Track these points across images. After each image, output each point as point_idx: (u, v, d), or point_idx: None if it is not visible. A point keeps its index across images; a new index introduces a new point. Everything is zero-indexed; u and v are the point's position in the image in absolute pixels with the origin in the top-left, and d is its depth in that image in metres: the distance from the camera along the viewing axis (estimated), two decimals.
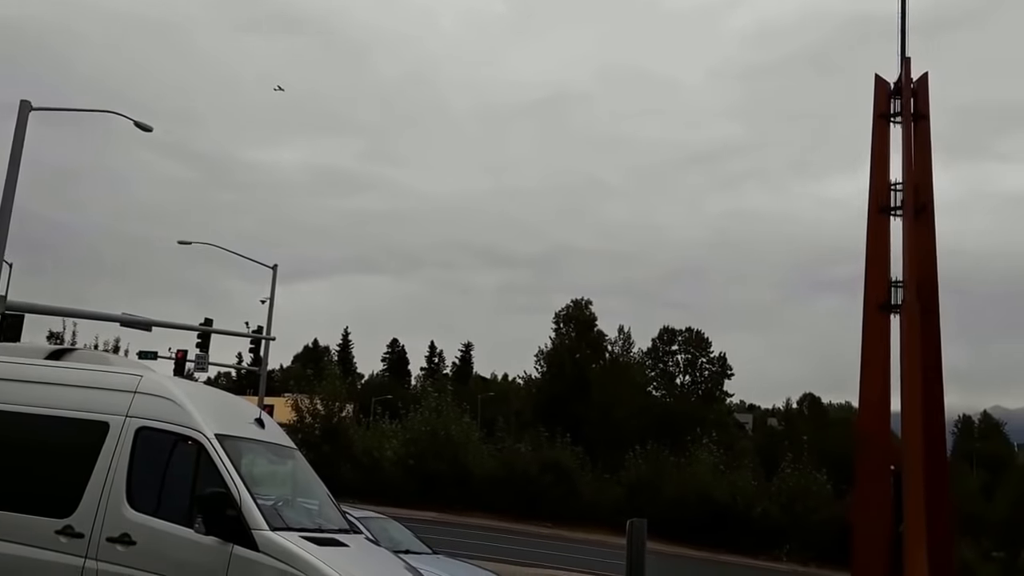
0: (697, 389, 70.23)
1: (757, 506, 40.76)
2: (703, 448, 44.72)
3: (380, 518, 13.41)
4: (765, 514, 40.56)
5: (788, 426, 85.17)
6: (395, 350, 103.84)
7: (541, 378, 64.63)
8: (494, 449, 45.17)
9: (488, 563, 15.85)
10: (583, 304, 65.56)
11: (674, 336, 70.96)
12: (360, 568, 8.00)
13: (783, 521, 40.36)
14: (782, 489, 41.91)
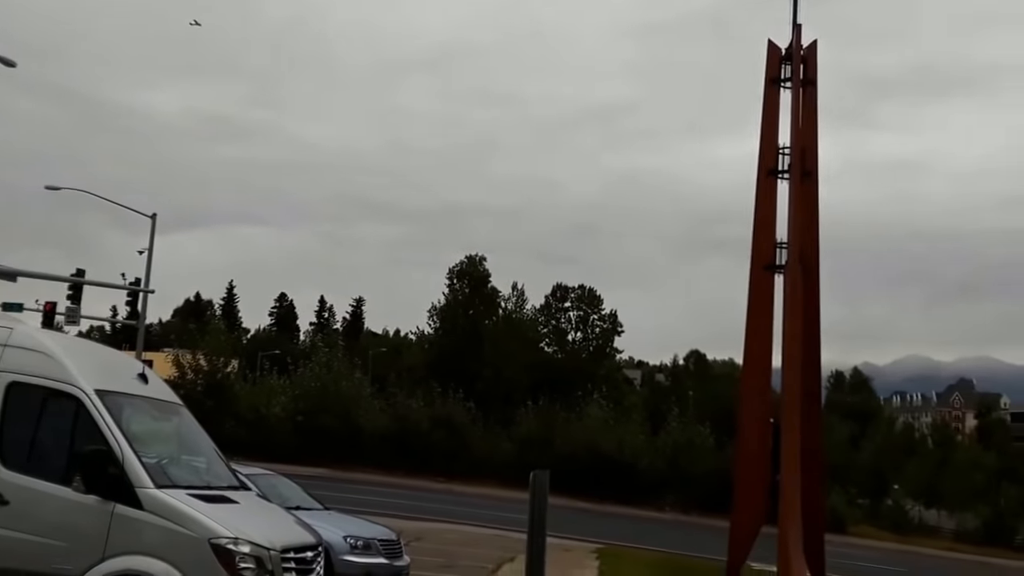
0: (588, 346, 71.45)
1: (644, 459, 42.10)
2: (593, 403, 45.75)
3: (268, 475, 13.17)
4: (651, 466, 41.95)
5: (675, 382, 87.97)
6: (283, 304, 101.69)
7: (434, 334, 64.55)
8: (386, 405, 45.08)
9: (381, 518, 15.81)
10: (477, 260, 65.59)
11: (567, 293, 71.84)
12: (251, 525, 7.84)
13: (668, 473, 41.86)
14: (667, 442, 43.38)
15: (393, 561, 12.45)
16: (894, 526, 50.36)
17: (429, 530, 22.22)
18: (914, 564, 34.77)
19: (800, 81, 22.55)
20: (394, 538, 12.87)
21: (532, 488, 7.87)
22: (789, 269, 21.63)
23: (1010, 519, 50.73)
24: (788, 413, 20.70)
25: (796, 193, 21.91)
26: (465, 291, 63.79)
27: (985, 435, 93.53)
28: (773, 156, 22.44)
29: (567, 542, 24.39)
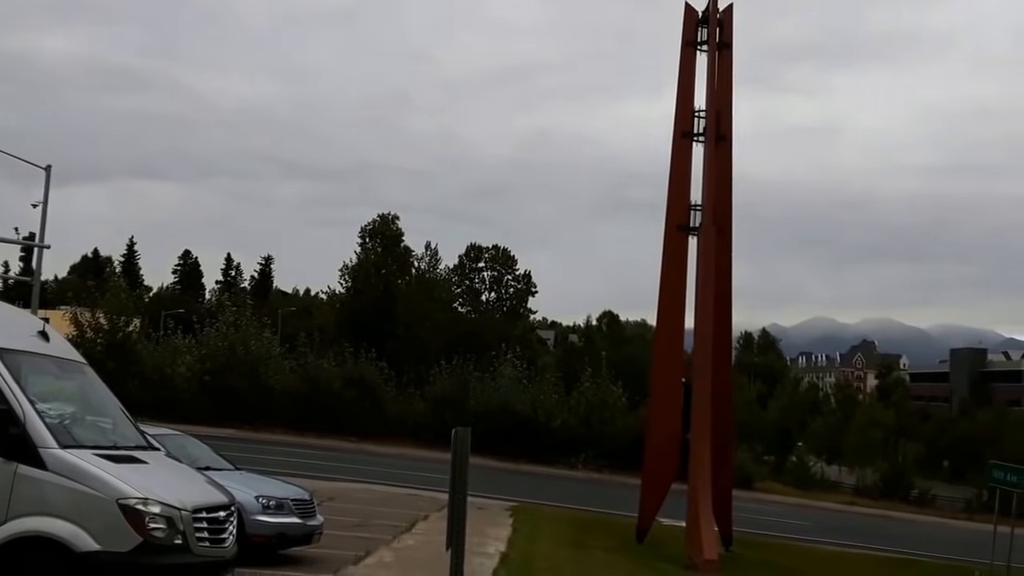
0: (502, 306, 71.95)
1: (557, 418, 42.75)
2: (507, 363, 46.17)
3: (176, 435, 12.99)
4: (564, 425, 42.64)
5: (588, 342, 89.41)
6: (187, 262, 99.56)
7: (346, 293, 64.06)
8: (296, 365, 44.54)
9: (293, 479, 15.80)
10: (390, 219, 65.14)
11: (481, 253, 72.03)
12: (161, 485, 7.78)
13: (581, 432, 42.62)
14: (580, 402, 44.11)
15: (306, 521, 12.47)
16: (797, 482, 52.52)
17: (342, 490, 22.26)
18: (816, 518, 36.41)
19: (716, 44, 22.89)
20: (307, 498, 12.89)
21: (454, 445, 8.01)
22: (703, 231, 22.12)
23: (907, 475, 53.34)
24: (699, 373, 21.32)
25: (711, 156, 22.37)
26: (377, 250, 63.36)
27: (885, 394, 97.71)
28: (688, 119, 22.78)
29: (481, 500, 24.73)
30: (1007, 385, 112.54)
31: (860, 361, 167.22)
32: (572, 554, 17.70)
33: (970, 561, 25.64)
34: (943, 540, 33.22)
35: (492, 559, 14.95)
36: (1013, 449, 61.53)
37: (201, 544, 7.93)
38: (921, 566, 24.70)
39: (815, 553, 24.43)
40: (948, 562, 26.18)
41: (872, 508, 45.40)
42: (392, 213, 65.64)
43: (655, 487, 22.05)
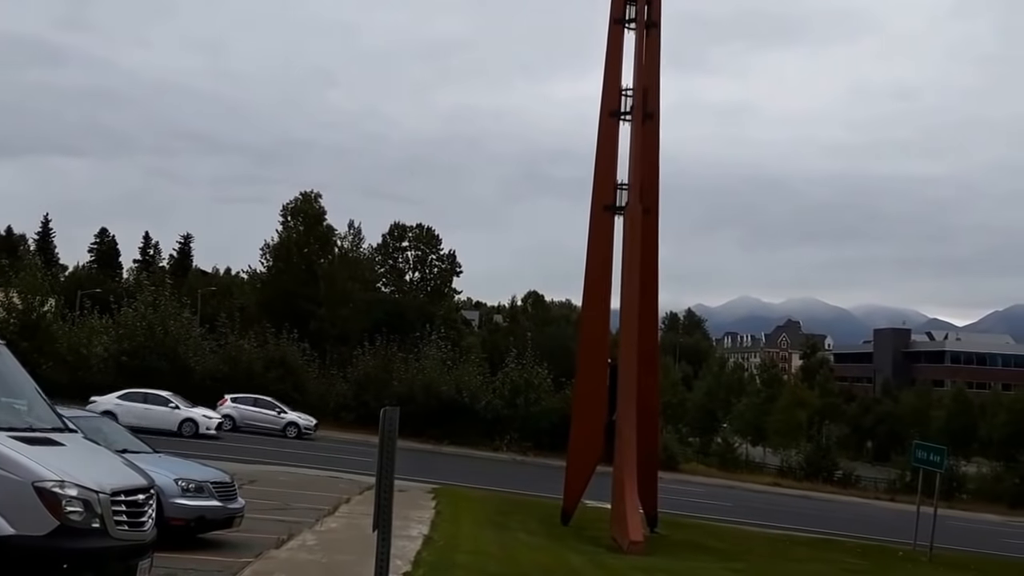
0: (426, 286, 71.91)
1: (482, 399, 43.16)
2: (431, 344, 46.34)
3: (94, 417, 12.89)
4: (489, 406, 43.08)
5: (513, 323, 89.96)
6: (104, 240, 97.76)
7: (267, 273, 63.24)
8: (216, 345, 44.21)
9: (213, 462, 15.78)
10: (312, 197, 64.41)
11: (405, 232, 71.81)
12: (78, 467, 7.79)
13: (506, 413, 43.13)
14: (505, 383, 44.56)
15: (227, 504, 12.51)
16: (722, 463, 53.86)
17: (263, 473, 22.23)
18: (740, 498, 37.46)
19: (644, 23, 23.13)
20: (228, 480, 12.93)
21: (382, 425, 8.16)
22: (629, 210, 22.33)
23: (830, 455, 54.63)
24: (625, 354, 21.60)
25: (637, 135, 22.58)
26: (300, 229, 62.70)
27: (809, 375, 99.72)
28: (615, 97, 22.90)
29: (404, 483, 24.82)
30: (930, 365, 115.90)
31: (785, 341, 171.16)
32: (496, 536, 17.95)
33: (893, 542, 26.41)
34: (866, 520, 34.15)
35: (415, 542, 15.14)
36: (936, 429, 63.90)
37: (119, 528, 7.95)
38: (843, 546, 25.26)
39: (738, 533, 25.03)
40: (871, 542, 26.79)
41: (796, 489, 46.81)
42: (314, 191, 65.02)
43: (580, 469, 22.31)
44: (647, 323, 23.03)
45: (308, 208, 63.11)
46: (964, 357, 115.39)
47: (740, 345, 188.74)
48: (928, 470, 25.74)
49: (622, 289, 22.36)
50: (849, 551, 24.16)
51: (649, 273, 22.98)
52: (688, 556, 19.99)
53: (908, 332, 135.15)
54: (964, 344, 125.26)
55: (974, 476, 53.13)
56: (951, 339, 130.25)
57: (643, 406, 21.87)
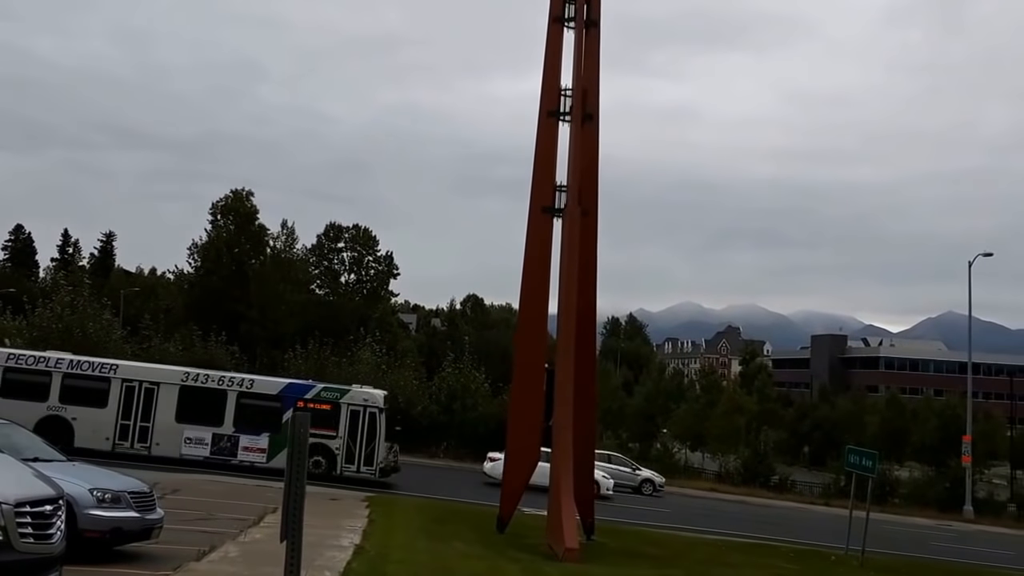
0: (363, 288, 71.30)
1: (418, 404, 42.90)
2: (366, 347, 45.97)
3: (2, 423, 12.44)
4: (425, 412, 42.85)
5: (452, 327, 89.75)
6: (19, 237, 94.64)
7: (195, 273, 62.07)
8: (139, 348, 43.15)
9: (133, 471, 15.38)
10: (243, 195, 63.42)
11: (341, 233, 71.10)
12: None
13: (443, 419, 42.95)
14: (442, 387, 44.39)
15: (145, 515, 12.20)
16: (661, 468, 54.23)
17: (188, 482, 21.81)
18: (678, 504, 37.87)
19: (584, 22, 23.18)
20: (146, 490, 12.60)
21: (292, 430, 8.01)
22: (568, 212, 22.30)
23: (767, 461, 55.46)
24: (562, 358, 21.56)
25: (577, 136, 22.59)
26: (230, 228, 61.61)
27: (748, 380, 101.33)
28: (555, 97, 22.85)
29: (336, 491, 24.71)
30: (865, 371, 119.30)
31: (725, 347, 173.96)
32: (429, 545, 17.85)
33: (827, 546, 27.08)
34: (801, 525, 34.90)
35: (346, 552, 14.99)
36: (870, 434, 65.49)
37: (24, 540, 7.74)
38: (778, 551, 25.75)
39: (675, 540, 25.35)
40: (805, 547, 27.36)
41: (733, 494, 47.40)
42: (246, 189, 64.03)
43: (516, 475, 22.18)
44: (585, 327, 23.03)
45: (239, 206, 62.11)
46: (898, 363, 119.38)
47: (681, 351, 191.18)
48: (861, 475, 26.32)
49: (560, 292, 22.36)
50: (783, 556, 24.67)
51: (587, 276, 23.00)
52: (623, 563, 20.13)
53: (844, 338, 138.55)
54: (898, 350, 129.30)
55: (906, 480, 54.33)
56: (885, 345, 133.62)
57: (580, 411, 21.88)
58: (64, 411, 28.24)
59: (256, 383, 30.25)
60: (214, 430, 29.18)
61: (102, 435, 28.62)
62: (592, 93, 23.19)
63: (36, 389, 27.01)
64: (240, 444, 29.14)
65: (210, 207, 62.95)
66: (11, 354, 29.72)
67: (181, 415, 29.16)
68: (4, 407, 24.90)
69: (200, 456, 28.94)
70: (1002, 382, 74.32)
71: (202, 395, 29.54)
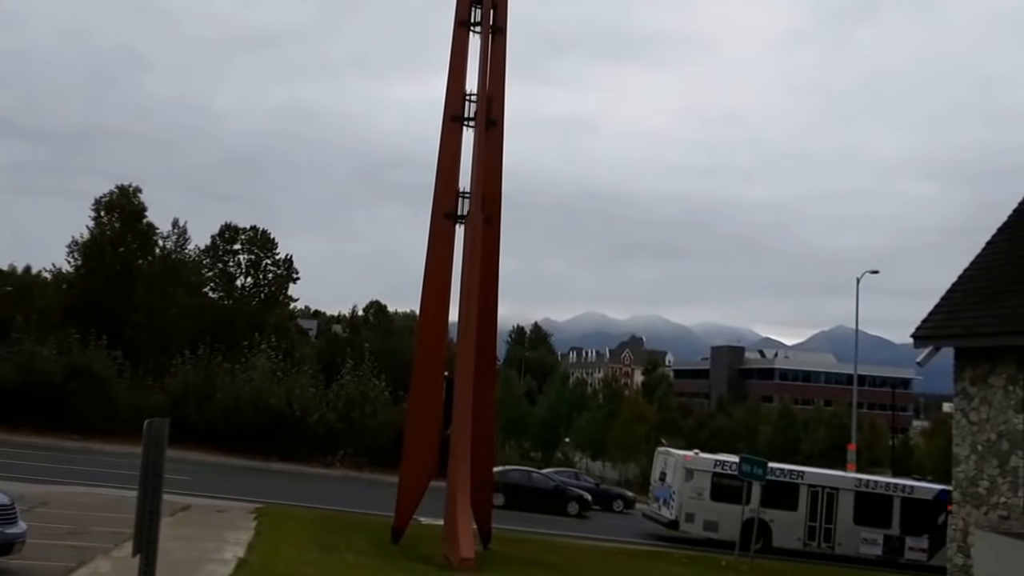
0: (260, 292, 69.61)
1: (314, 412, 42.11)
2: (261, 354, 44.89)
3: None
4: (322, 420, 42.08)
5: (353, 333, 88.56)
6: None
7: (75, 273, 59.33)
8: (9, 352, 40.95)
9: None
10: (130, 191, 60.75)
11: (237, 234, 69.17)
12: None
13: (340, 427, 42.25)
14: (340, 395, 43.68)
15: (5, 528, 11.55)
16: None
17: (58, 494, 20.85)
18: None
19: (490, 27, 23.24)
20: (7, 502, 11.92)
21: (146, 438, 7.63)
22: (471, 219, 22.29)
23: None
24: (462, 366, 21.48)
25: (481, 142, 22.61)
26: (115, 226, 59.01)
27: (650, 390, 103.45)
28: (459, 102, 22.87)
29: (222, 502, 24.02)
30: (761, 382, 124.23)
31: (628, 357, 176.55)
32: (318, 557, 17.55)
33: (718, 552, 28.06)
34: None
35: (228, 566, 14.56)
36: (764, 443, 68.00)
37: None
38: (672, 557, 26.46)
39: (572, 548, 25.61)
40: (696, 552, 28.27)
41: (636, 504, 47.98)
42: (133, 185, 61.23)
43: (412, 485, 22.09)
44: (485, 335, 23.06)
45: (125, 203, 59.43)
46: (791, 374, 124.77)
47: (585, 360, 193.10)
48: (751, 481, 28.04)
49: (460, 300, 22.31)
50: (677, 562, 25.45)
51: (489, 284, 23.04)
52: (519, 571, 20.28)
53: (742, 350, 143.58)
54: (792, 362, 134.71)
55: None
56: (780, 357, 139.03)
57: (478, 421, 21.87)
58: (764, 514, 30.56)
59: (915, 490, 33.39)
60: (885, 531, 32.34)
61: (794, 535, 31.76)
62: (497, 100, 23.30)
63: (739, 494, 28.53)
64: (906, 544, 32.32)
65: (92, 203, 60.20)
66: (719, 461, 32.57)
67: (857, 517, 32.34)
68: (712, 509, 31.04)
69: (874, 555, 32.07)
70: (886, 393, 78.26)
71: (873, 500, 32.81)
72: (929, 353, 16.66)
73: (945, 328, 16.14)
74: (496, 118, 23.22)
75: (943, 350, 16.55)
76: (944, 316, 16.32)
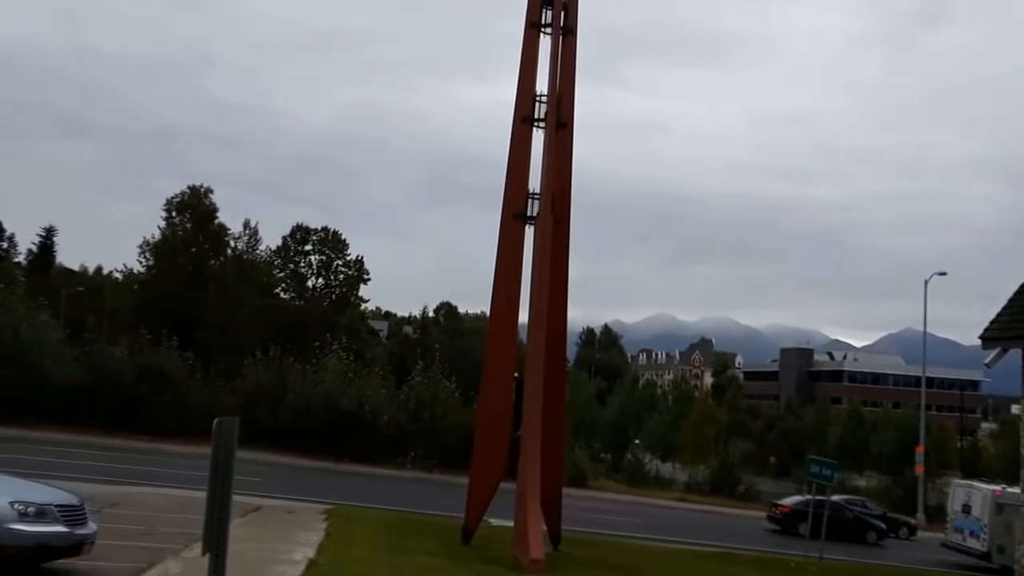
0: (331, 293, 70.11)
1: (385, 414, 42.04)
2: (332, 355, 44.98)
3: None
4: (392, 421, 41.99)
5: (424, 334, 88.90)
6: None
7: (147, 273, 59.95)
8: (80, 352, 40.83)
9: (68, 483, 14.63)
10: (201, 192, 61.33)
11: (308, 235, 69.76)
12: None
13: (410, 428, 42.11)
14: (411, 396, 43.57)
15: (75, 529, 11.43)
16: (632, 479, 54.00)
17: (129, 495, 20.92)
18: (646, 514, 37.54)
19: (560, 29, 22.95)
20: (76, 503, 11.80)
21: (216, 437, 7.41)
22: (540, 220, 22.01)
23: (735, 471, 55.81)
24: (532, 368, 21.22)
25: (551, 143, 22.31)
26: (187, 226, 59.50)
27: (720, 392, 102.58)
28: (529, 103, 22.60)
29: (294, 503, 24.02)
30: (830, 384, 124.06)
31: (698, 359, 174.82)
32: (389, 559, 17.35)
33: (789, 553, 27.54)
34: (764, 533, 35.61)
35: (298, 567, 14.40)
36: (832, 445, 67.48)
37: None
38: (740, 558, 26.11)
39: (642, 549, 25.27)
40: (766, 554, 27.86)
41: (700, 504, 47.41)
42: (204, 185, 61.77)
43: (483, 486, 21.86)
44: (555, 336, 22.77)
45: (197, 204, 59.98)
46: (860, 376, 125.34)
47: (655, 362, 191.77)
48: (820, 483, 27.31)
49: (530, 301, 22.02)
50: (747, 563, 25.17)
51: (559, 285, 22.78)
52: (588, 573, 20.00)
53: (811, 352, 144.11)
54: (860, 364, 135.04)
55: (865, 489, 55.72)
56: (849, 359, 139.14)
57: (549, 421, 21.59)
58: None
59: None
60: None
61: None
62: (567, 101, 23.08)
63: None
64: None
65: (164, 203, 60.85)
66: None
67: None
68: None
69: None
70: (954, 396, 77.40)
71: None
72: (997, 355, 16.45)
73: (1013, 329, 15.83)
74: (566, 119, 22.99)
75: (1011, 351, 16.09)
76: (1011, 317, 16.04)
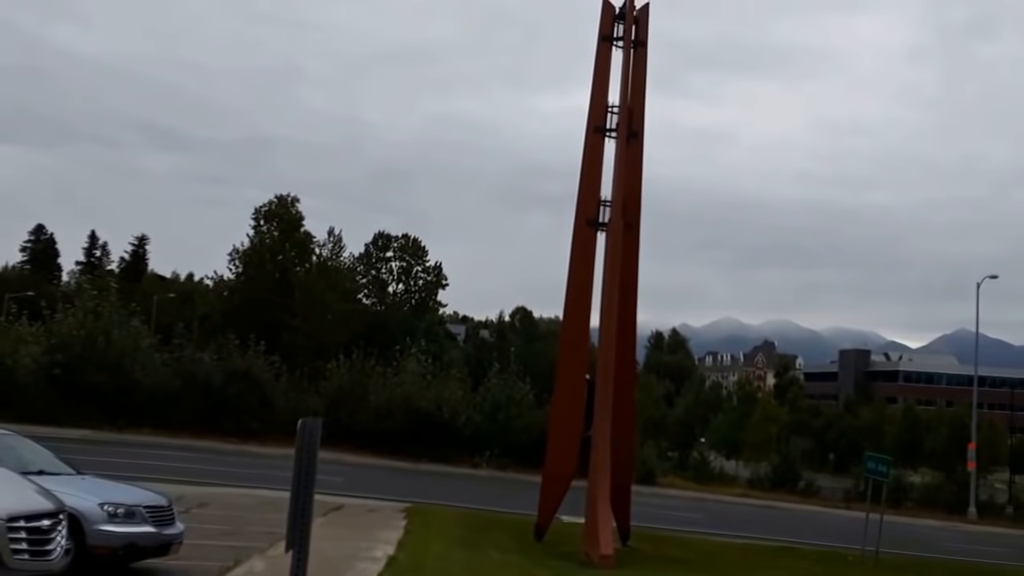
0: (411, 298, 70.31)
1: (462, 415, 41.74)
2: (411, 358, 44.86)
3: (7, 435, 11.44)
4: (469, 422, 41.67)
5: (500, 338, 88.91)
6: (40, 238, 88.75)
7: (236, 280, 60.28)
8: (170, 357, 40.43)
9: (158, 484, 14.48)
10: (288, 201, 61.49)
11: (389, 242, 70.08)
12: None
13: (486, 429, 41.70)
14: (487, 398, 43.22)
15: (163, 530, 11.19)
16: (698, 476, 53.12)
17: (216, 495, 20.79)
18: (710, 510, 36.81)
19: (632, 42, 22.66)
20: (164, 504, 11.57)
21: (300, 437, 7.12)
22: (611, 226, 21.81)
23: (795, 467, 55.08)
24: (603, 370, 21.00)
25: (622, 153, 22.08)
26: (274, 234, 59.70)
27: (782, 392, 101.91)
28: (601, 114, 22.45)
29: (374, 502, 23.79)
30: (886, 384, 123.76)
31: (761, 361, 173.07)
32: (465, 555, 17.05)
33: (846, 547, 26.79)
34: (823, 528, 34.56)
35: (378, 563, 14.07)
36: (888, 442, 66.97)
37: (18, 556, 6.92)
38: (800, 552, 25.66)
39: (706, 544, 24.94)
40: (824, 548, 27.41)
41: (762, 499, 46.37)
42: (291, 195, 61.93)
43: (555, 484, 21.66)
44: (625, 339, 22.50)
45: (284, 212, 60.27)
46: (915, 376, 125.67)
47: (720, 364, 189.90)
48: (876, 480, 26.74)
49: (601, 304, 21.72)
50: (806, 557, 24.79)
51: (628, 289, 22.52)
52: (656, 567, 19.74)
53: (868, 353, 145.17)
54: (915, 364, 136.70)
55: (919, 485, 54.94)
56: (904, 360, 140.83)
57: (619, 421, 21.27)
58: None
59: None
60: None
61: None
62: (638, 112, 22.84)
63: None
64: None
65: (253, 212, 61.23)
66: None
67: None
68: None
69: None
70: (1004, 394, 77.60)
71: None
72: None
73: None
74: (637, 129, 22.79)
75: None
76: None
